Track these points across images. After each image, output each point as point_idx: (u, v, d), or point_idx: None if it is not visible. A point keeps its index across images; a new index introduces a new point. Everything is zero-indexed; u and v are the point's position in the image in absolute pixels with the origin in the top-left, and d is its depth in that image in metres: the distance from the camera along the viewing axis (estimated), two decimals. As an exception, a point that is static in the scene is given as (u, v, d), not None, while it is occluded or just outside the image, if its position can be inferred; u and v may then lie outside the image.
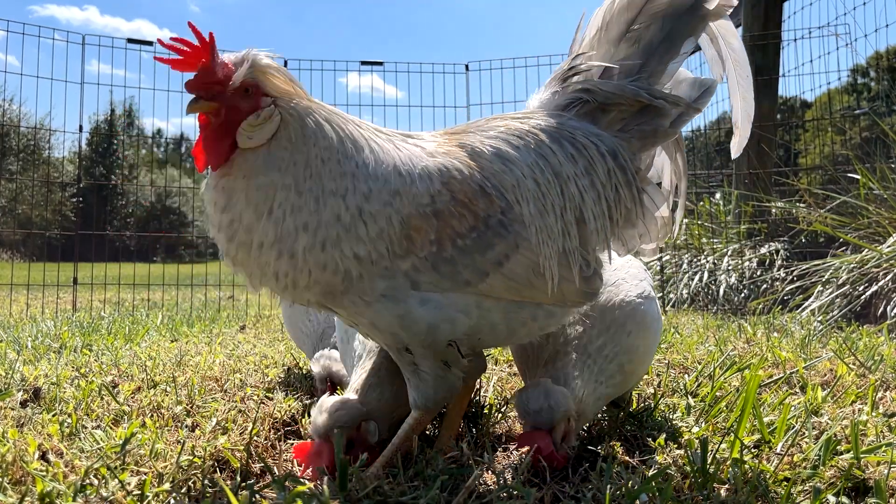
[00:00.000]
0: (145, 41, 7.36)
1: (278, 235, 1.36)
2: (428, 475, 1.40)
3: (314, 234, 1.36)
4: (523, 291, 1.47)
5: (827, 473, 1.44)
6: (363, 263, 1.38)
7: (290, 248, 1.36)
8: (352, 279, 1.38)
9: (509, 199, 1.47)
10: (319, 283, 1.38)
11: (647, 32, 1.67)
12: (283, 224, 1.36)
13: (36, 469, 1.37)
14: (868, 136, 7.26)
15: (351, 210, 1.38)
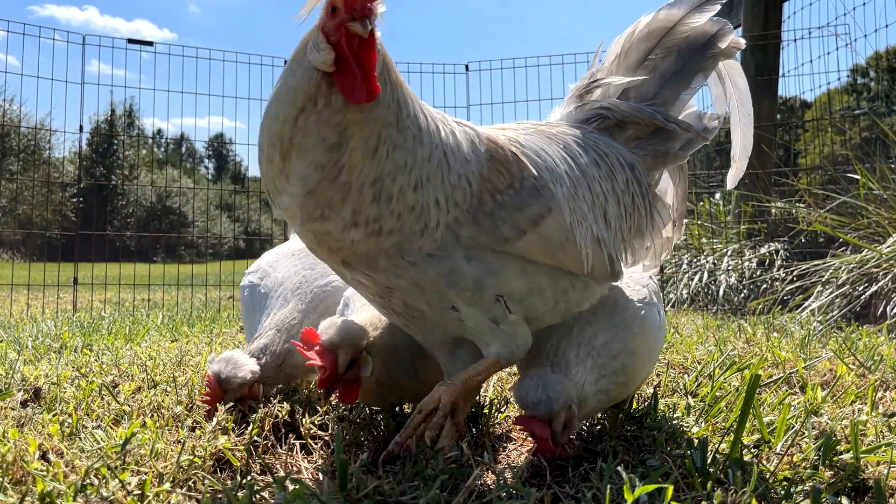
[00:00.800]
0: (145, 41, 7.37)
1: (378, 174, 1.34)
2: (428, 475, 1.41)
3: (409, 173, 1.36)
4: (558, 255, 1.54)
5: (827, 473, 1.44)
6: (440, 211, 1.40)
7: (388, 189, 1.34)
8: (426, 229, 1.39)
9: (542, 175, 1.54)
10: (400, 233, 1.37)
11: (662, 63, 1.82)
12: (384, 162, 1.34)
13: (36, 469, 1.38)
14: (868, 136, 7.26)
15: (437, 152, 1.40)
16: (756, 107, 1.98)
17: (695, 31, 1.81)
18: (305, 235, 1.45)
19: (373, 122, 1.32)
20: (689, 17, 1.80)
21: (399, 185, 1.34)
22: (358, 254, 1.40)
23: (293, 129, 1.32)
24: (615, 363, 1.70)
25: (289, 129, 1.32)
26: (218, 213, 20.00)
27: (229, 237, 12.73)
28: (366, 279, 1.48)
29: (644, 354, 1.78)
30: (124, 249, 13.35)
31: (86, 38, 6.91)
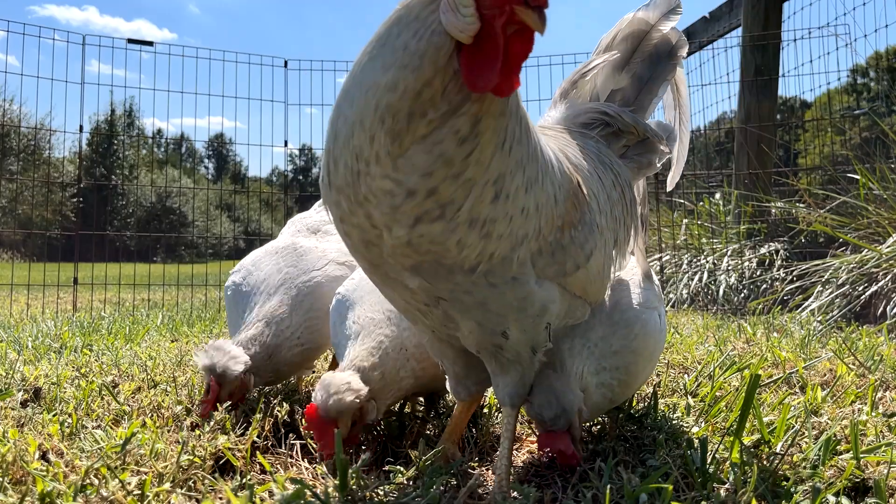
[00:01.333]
0: (145, 41, 7.37)
1: (501, 171, 1.19)
2: (428, 475, 1.41)
3: (523, 171, 1.23)
4: (588, 287, 1.53)
5: (827, 473, 1.44)
6: (539, 218, 1.29)
7: (507, 188, 1.20)
8: (526, 238, 1.27)
9: (593, 208, 1.50)
10: (508, 238, 1.24)
11: (639, 68, 1.83)
12: (508, 159, 1.19)
13: (36, 469, 1.38)
14: (868, 136, 7.27)
15: (542, 163, 1.29)
16: (756, 107, 2.01)
17: (663, 39, 1.82)
18: (374, 233, 1.22)
19: (507, 113, 1.17)
20: (660, 23, 1.81)
21: (516, 184, 1.22)
22: (443, 262, 1.23)
23: (413, 106, 1.09)
24: (616, 359, 1.69)
25: (407, 104, 1.09)
26: (218, 213, 20.01)
27: (229, 237, 12.73)
28: (419, 289, 1.30)
29: (645, 356, 1.78)
30: (124, 249, 13.36)
31: (86, 38, 6.91)
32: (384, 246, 1.23)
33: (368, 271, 1.39)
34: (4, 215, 15.39)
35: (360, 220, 1.22)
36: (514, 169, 1.21)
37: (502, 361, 1.44)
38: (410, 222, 1.17)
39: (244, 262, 2.33)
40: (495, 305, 1.32)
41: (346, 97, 1.18)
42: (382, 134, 1.11)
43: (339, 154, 1.19)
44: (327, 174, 1.24)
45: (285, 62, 7.67)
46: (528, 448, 1.87)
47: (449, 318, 1.36)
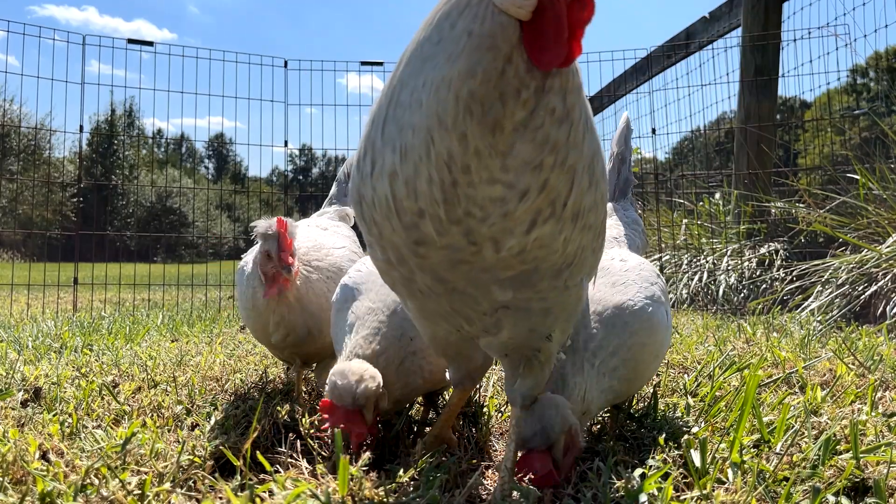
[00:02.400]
0: (145, 41, 7.37)
1: (591, 154, 1.09)
2: (428, 475, 1.41)
3: (599, 153, 1.13)
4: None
5: (826, 473, 1.44)
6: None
7: (596, 172, 1.11)
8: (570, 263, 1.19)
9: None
10: (591, 230, 1.17)
11: None
12: (592, 140, 1.11)
13: (36, 469, 1.38)
14: (867, 136, 7.26)
15: (599, 147, 1.17)
16: (756, 107, 2.01)
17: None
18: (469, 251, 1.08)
19: (577, 90, 1.06)
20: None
21: (601, 167, 1.12)
22: (542, 267, 1.14)
23: (502, 87, 0.98)
24: (614, 360, 1.67)
25: (495, 87, 0.98)
26: (218, 213, 20.01)
27: (229, 237, 12.72)
28: (495, 301, 1.21)
29: (650, 352, 1.77)
30: (124, 249, 13.35)
31: (86, 38, 6.91)
32: (480, 262, 1.10)
33: (420, 293, 1.24)
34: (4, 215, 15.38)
35: (452, 240, 1.07)
36: (598, 150, 1.11)
37: (532, 364, 1.40)
38: (525, 228, 1.05)
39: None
40: (558, 309, 1.27)
41: (401, 108, 1.04)
42: (475, 125, 0.98)
43: (412, 173, 1.03)
44: (390, 210, 1.08)
45: (285, 62, 7.67)
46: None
47: (498, 325, 1.28)
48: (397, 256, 1.17)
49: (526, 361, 1.40)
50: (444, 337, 1.46)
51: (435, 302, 1.26)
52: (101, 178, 20.25)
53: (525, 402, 1.44)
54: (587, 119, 1.09)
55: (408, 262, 1.16)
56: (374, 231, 1.17)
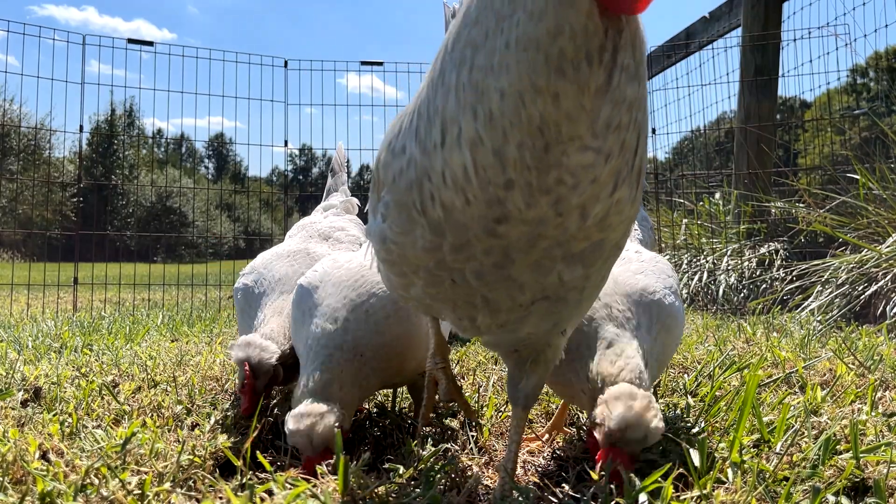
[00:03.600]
0: (145, 41, 7.38)
1: (642, 122, 1.04)
2: (428, 475, 1.41)
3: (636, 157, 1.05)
4: None
5: (826, 473, 1.45)
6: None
7: (645, 131, 1.06)
8: (620, 244, 1.18)
9: None
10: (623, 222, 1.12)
11: None
12: (647, 93, 1.05)
13: (36, 469, 1.38)
14: (867, 136, 7.27)
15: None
16: (756, 107, 1.99)
17: None
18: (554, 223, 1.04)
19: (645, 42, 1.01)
20: None
21: (647, 132, 1.07)
22: (611, 236, 1.12)
23: (589, 46, 0.92)
24: (649, 337, 1.63)
25: (584, 44, 0.92)
26: (218, 213, 20.02)
27: (229, 237, 12.73)
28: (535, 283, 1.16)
29: (673, 338, 1.75)
30: (124, 249, 13.36)
31: (86, 38, 6.92)
32: (560, 236, 1.06)
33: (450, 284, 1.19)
34: (4, 215, 15.38)
35: (540, 213, 1.02)
36: (647, 108, 1.05)
37: (539, 361, 1.39)
38: (609, 191, 1.01)
39: (254, 264, 2.32)
40: (588, 297, 1.25)
41: (480, 72, 0.97)
42: (567, 85, 0.92)
43: (501, 140, 0.96)
44: (470, 183, 1.01)
45: (285, 62, 7.67)
46: (528, 448, 1.87)
47: (522, 321, 1.24)
48: (461, 240, 1.09)
49: (534, 358, 1.39)
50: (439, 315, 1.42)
51: (465, 292, 1.19)
52: (101, 178, 20.25)
53: (528, 402, 1.43)
54: (645, 72, 1.03)
55: (473, 246, 1.09)
56: (434, 213, 1.08)
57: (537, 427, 2.07)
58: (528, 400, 1.43)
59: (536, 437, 1.93)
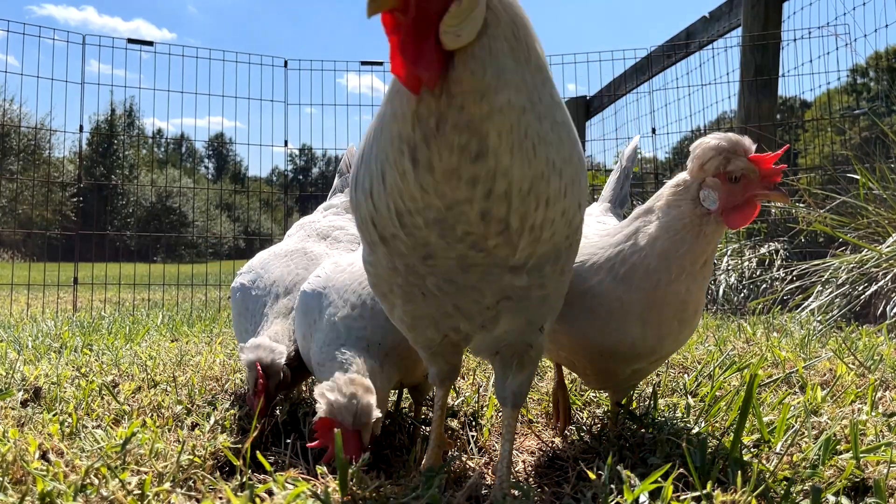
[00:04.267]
0: (145, 41, 7.37)
1: (535, 176, 1.12)
2: (428, 475, 1.41)
3: (561, 173, 1.15)
4: None
5: (826, 473, 1.45)
6: (583, 210, 1.29)
7: (545, 192, 1.14)
8: (570, 244, 1.27)
9: None
10: (559, 234, 1.21)
11: None
12: (535, 161, 1.12)
13: (36, 469, 1.38)
14: (868, 136, 7.26)
15: (573, 136, 1.21)
16: (756, 106, 1.99)
17: None
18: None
19: (504, 111, 1.09)
20: None
21: (555, 187, 1.20)
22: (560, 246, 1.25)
23: (420, 126, 1.09)
24: None
25: (412, 128, 1.11)
26: (218, 212, 20.02)
27: (229, 237, 12.73)
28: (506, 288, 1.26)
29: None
30: (124, 249, 13.36)
31: (86, 37, 6.91)
32: (491, 260, 1.21)
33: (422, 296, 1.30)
34: (4, 215, 15.38)
35: (460, 251, 1.19)
36: (549, 169, 1.19)
37: (524, 360, 1.42)
38: (524, 225, 1.17)
39: (252, 263, 2.32)
40: (554, 297, 1.35)
41: (380, 148, 1.16)
42: (407, 163, 1.13)
43: (401, 207, 1.16)
44: (397, 228, 1.19)
45: (285, 62, 7.67)
46: (528, 448, 1.87)
47: (496, 319, 1.32)
48: (409, 265, 1.25)
49: (518, 358, 1.42)
50: (429, 338, 1.45)
51: (437, 303, 1.31)
52: (101, 177, 20.25)
53: (517, 400, 1.45)
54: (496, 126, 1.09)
55: (420, 269, 1.24)
56: (381, 246, 1.25)
57: (537, 427, 2.07)
58: (516, 398, 1.44)
59: (537, 437, 1.93)
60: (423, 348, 1.50)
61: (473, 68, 1.06)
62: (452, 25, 1.04)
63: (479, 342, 1.42)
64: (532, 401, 2.34)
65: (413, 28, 1.04)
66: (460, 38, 1.05)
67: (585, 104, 9.20)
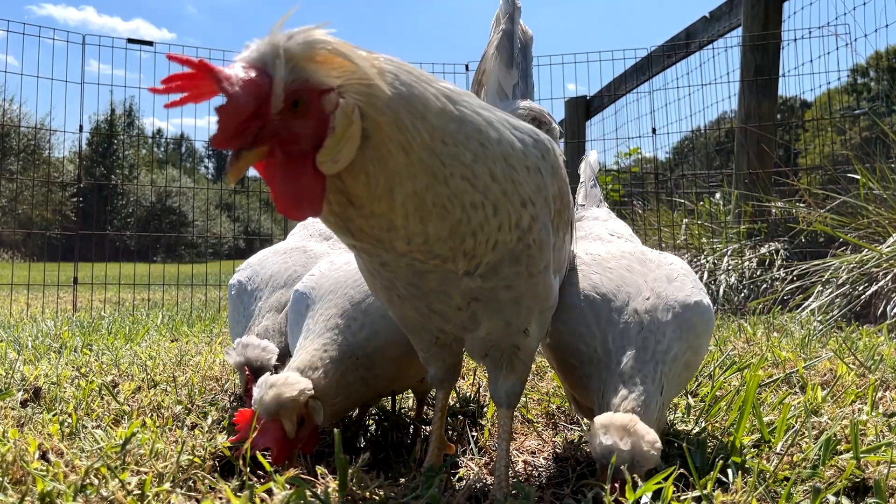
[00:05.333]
0: (145, 41, 7.37)
1: (452, 225, 1.16)
2: (428, 475, 1.40)
3: (482, 204, 1.17)
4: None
5: (827, 473, 1.44)
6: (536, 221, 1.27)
7: (468, 229, 1.17)
8: (528, 245, 1.26)
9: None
10: (503, 242, 1.22)
11: (521, 61, 2.03)
12: (448, 216, 1.14)
13: (36, 469, 1.37)
14: (868, 136, 7.27)
15: (493, 151, 1.19)
16: (756, 106, 2.02)
17: (523, 31, 2.05)
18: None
19: (399, 206, 1.13)
20: (519, 17, 2.02)
21: (478, 221, 1.22)
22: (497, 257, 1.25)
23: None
24: (678, 365, 1.53)
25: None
26: (218, 212, 20.01)
27: (229, 237, 12.73)
28: (464, 291, 1.28)
29: (702, 355, 1.69)
30: (124, 249, 13.36)
31: (85, 37, 6.91)
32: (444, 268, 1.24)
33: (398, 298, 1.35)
34: (4, 215, 15.37)
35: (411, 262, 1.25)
36: (468, 213, 1.26)
37: (514, 362, 1.43)
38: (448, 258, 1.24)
39: (250, 260, 2.32)
40: (529, 299, 1.33)
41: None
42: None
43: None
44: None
45: (285, 62, 7.66)
46: (528, 448, 1.87)
47: (474, 320, 1.35)
48: (375, 270, 1.32)
49: (508, 360, 1.44)
50: (422, 339, 1.48)
51: (413, 304, 1.34)
52: (101, 177, 20.25)
53: (510, 401, 1.46)
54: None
55: (380, 273, 1.31)
56: (353, 252, 1.34)
57: (537, 427, 2.07)
58: (509, 398, 1.46)
59: (537, 437, 1.93)
60: (420, 349, 1.53)
61: (363, 182, 1.06)
62: (328, 156, 1.03)
63: (469, 344, 1.44)
64: (532, 401, 2.34)
65: (287, 168, 1.01)
66: (338, 164, 1.04)
67: (585, 104, 9.19)
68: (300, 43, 0.99)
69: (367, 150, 1.05)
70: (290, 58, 0.98)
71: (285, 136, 1.00)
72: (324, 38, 1.01)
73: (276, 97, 0.96)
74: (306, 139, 1.01)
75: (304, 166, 1.02)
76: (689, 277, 1.67)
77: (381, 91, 1.04)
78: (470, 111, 1.18)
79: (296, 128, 1.00)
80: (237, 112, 0.94)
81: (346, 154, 1.03)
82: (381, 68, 1.06)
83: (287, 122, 0.99)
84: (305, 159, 1.02)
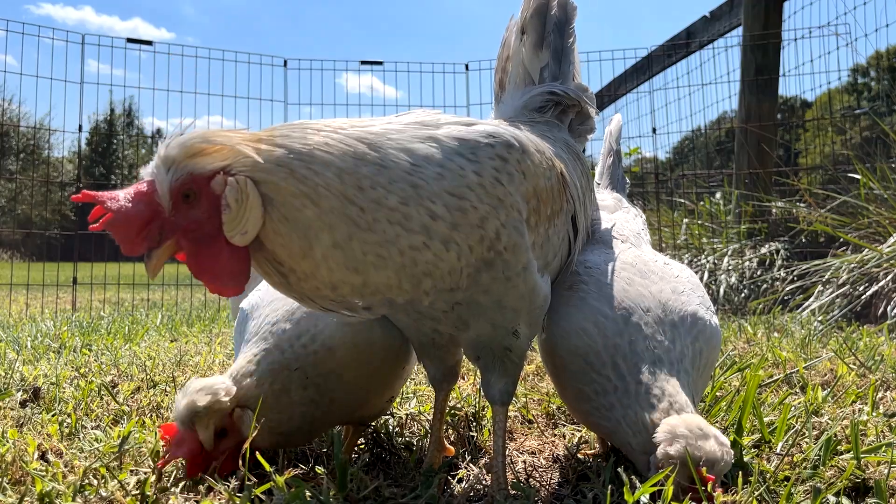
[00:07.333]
0: (144, 41, 7.38)
1: (398, 268, 1.15)
2: (427, 475, 1.40)
3: (429, 232, 1.16)
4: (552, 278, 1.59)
5: (827, 473, 1.44)
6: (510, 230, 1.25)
7: (419, 267, 1.17)
8: (499, 252, 1.24)
9: (572, 191, 1.55)
10: (467, 256, 1.20)
11: (553, 40, 1.82)
12: (389, 261, 1.14)
13: (35, 469, 1.37)
14: (868, 135, 7.26)
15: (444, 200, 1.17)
16: (756, 106, 1.98)
17: (559, 4, 1.83)
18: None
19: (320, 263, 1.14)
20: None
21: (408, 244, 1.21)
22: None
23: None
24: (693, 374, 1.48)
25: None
26: (218, 212, 19.93)
27: (229, 237, 12.68)
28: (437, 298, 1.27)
29: (712, 367, 1.64)
30: (124, 249, 13.33)
31: (85, 37, 6.91)
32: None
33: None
34: (4, 215, 15.37)
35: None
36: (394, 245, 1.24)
37: (506, 363, 1.44)
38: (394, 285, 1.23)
39: None
40: (512, 301, 1.33)
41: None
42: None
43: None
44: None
45: (285, 62, 7.67)
46: (528, 448, 1.87)
47: (462, 321, 1.35)
48: None
49: (500, 361, 1.44)
50: (418, 339, 1.50)
51: (402, 308, 1.32)
52: (101, 177, 20.21)
53: (504, 398, 1.46)
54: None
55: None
56: None
57: (537, 427, 2.06)
58: (503, 396, 1.46)
59: (538, 437, 1.92)
60: (417, 349, 1.55)
61: (280, 243, 1.10)
62: (233, 229, 1.09)
63: (464, 345, 1.46)
64: (532, 401, 2.33)
65: (203, 252, 1.10)
66: (248, 235, 1.10)
67: (585, 104, 9.18)
68: (175, 146, 1.08)
69: (272, 212, 1.09)
70: (170, 161, 1.07)
71: (186, 225, 1.09)
72: (195, 135, 1.09)
73: (162, 198, 1.07)
74: (207, 222, 1.09)
75: (217, 246, 1.10)
76: (696, 293, 1.59)
77: (265, 153, 1.09)
78: (396, 152, 1.16)
79: (193, 216, 1.09)
80: (129, 222, 1.08)
81: (253, 222, 1.09)
82: (257, 137, 1.12)
83: (184, 214, 1.09)
84: (216, 239, 1.10)
